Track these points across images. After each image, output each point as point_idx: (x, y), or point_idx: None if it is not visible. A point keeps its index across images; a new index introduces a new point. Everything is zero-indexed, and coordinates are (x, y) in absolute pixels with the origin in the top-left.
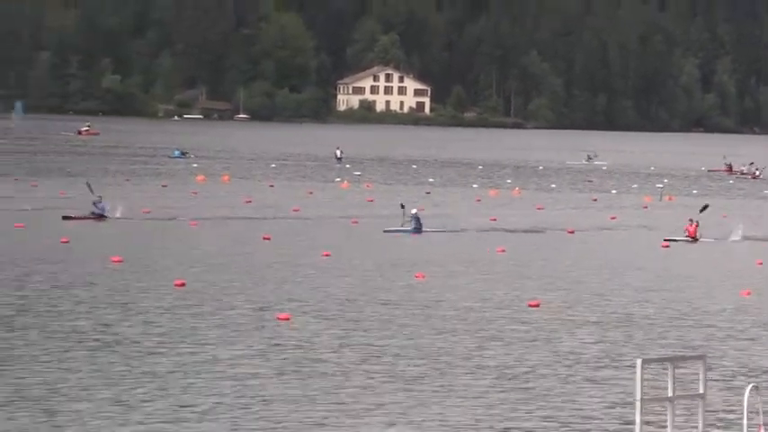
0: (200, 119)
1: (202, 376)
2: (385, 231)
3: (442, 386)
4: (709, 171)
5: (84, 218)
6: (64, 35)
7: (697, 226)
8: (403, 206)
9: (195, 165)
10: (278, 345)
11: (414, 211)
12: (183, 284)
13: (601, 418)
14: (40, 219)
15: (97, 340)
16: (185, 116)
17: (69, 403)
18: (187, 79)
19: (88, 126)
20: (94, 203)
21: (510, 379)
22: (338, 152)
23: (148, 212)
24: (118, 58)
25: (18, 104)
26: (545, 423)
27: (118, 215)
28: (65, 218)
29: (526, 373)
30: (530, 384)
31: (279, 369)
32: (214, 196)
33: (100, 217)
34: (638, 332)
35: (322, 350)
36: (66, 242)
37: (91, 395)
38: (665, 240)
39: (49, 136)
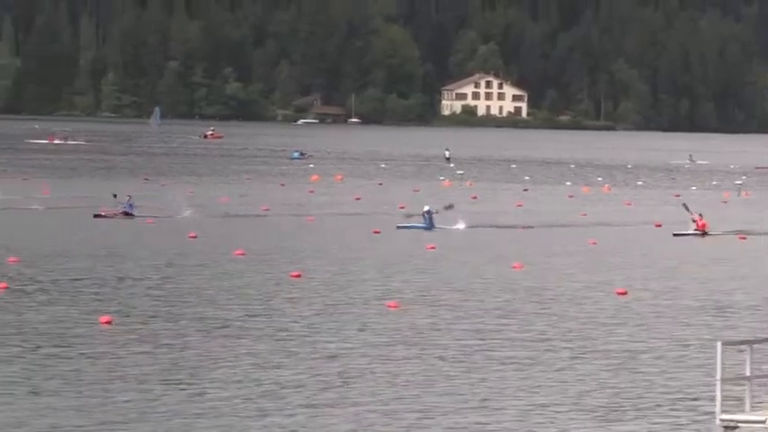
0: (315, 123)
1: (316, 362)
2: (398, 228)
3: (546, 367)
4: (756, 168)
5: (114, 215)
6: (190, 46)
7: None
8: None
9: (311, 165)
10: (387, 331)
11: (426, 207)
12: (299, 276)
13: (686, 396)
14: (170, 216)
15: (221, 327)
16: (302, 120)
17: (201, 385)
18: (304, 86)
19: (213, 130)
20: (122, 204)
21: (603, 360)
22: (447, 153)
23: (268, 209)
24: (240, 66)
25: (157, 110)
26: (636, 400)
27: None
28: (96, 216)
29: (618, 355)
30: (620, 365)
31: (388, 354)
32: (328, 194)
33: (128, 215)
34: (719, 317)
35: (428, 337)
36: (194, 237)
37: (218, 378)
38: (674, 235)
39: (178, 139)
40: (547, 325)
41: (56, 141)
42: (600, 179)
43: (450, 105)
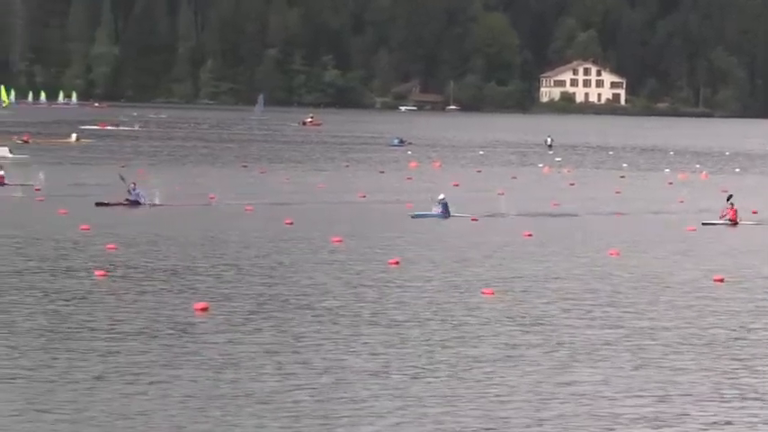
0: (414, 110)
1: (412, 349)
2: (413, 217)
3: (648, 354)
4: None
5: (118, 204)
6: (288, 33)
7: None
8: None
9: (409, 152)
10: (482, 319)
11: (441, 196)
12: (396, 263)
13: None
14: (267, 203)
15: (319, 314)
16: (400, 107)
17: (299, 373)
18: (402, 73)
19: (311, 117)
20: (129, 190)
21: (705, 348)
22: (548, 140)
23: (365, 196)
24: (338, 54)
25: (261, 97)
26: (738, 387)
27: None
28: (98, 204)
29: (718, 342)
30: (722, 353)
31: (485, 343)
32: (426, 181)
33: (134, 203)
34: None
35: (524, 324)
36: (291, 224)
37: (317, 366)
38: (703, 224)
39: (277, 126)
40: (645, 312)
41: (107, 127)
42: (698, 166)
43: (548, 92)
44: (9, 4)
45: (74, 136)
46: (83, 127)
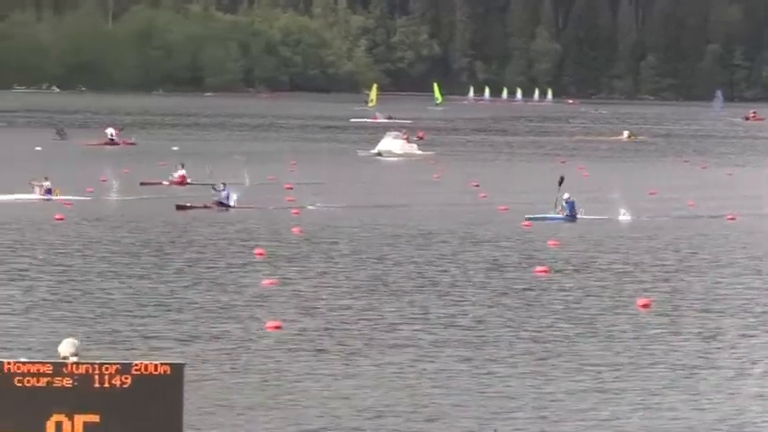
0: None
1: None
2: (528, 219)
3: None
4: None
5: (203, 207)
6: (730, 28)
7: None
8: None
9: None
10: None
11: (566, 195)
12: None
13: None
14: (707, 197)
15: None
16: None
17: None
18: None
19: (754, 112)
20: (217, 190)
21: None
22: None
23: None
24: None
25: (719, 93)
26: None
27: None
28: (179, 207)
29: None
30: None
31: None
32: None
33: (222, 205)
34: None
35: None
36: (732, 219)
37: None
38: None
39: (719, 121)
40: None
41: (379, 120)
42: None
43: None
44: (451, 1)
45: (625, 133)
46: (354, 119)
